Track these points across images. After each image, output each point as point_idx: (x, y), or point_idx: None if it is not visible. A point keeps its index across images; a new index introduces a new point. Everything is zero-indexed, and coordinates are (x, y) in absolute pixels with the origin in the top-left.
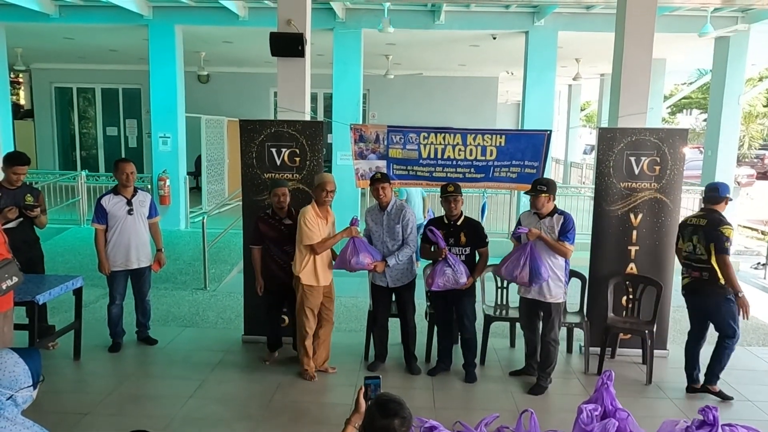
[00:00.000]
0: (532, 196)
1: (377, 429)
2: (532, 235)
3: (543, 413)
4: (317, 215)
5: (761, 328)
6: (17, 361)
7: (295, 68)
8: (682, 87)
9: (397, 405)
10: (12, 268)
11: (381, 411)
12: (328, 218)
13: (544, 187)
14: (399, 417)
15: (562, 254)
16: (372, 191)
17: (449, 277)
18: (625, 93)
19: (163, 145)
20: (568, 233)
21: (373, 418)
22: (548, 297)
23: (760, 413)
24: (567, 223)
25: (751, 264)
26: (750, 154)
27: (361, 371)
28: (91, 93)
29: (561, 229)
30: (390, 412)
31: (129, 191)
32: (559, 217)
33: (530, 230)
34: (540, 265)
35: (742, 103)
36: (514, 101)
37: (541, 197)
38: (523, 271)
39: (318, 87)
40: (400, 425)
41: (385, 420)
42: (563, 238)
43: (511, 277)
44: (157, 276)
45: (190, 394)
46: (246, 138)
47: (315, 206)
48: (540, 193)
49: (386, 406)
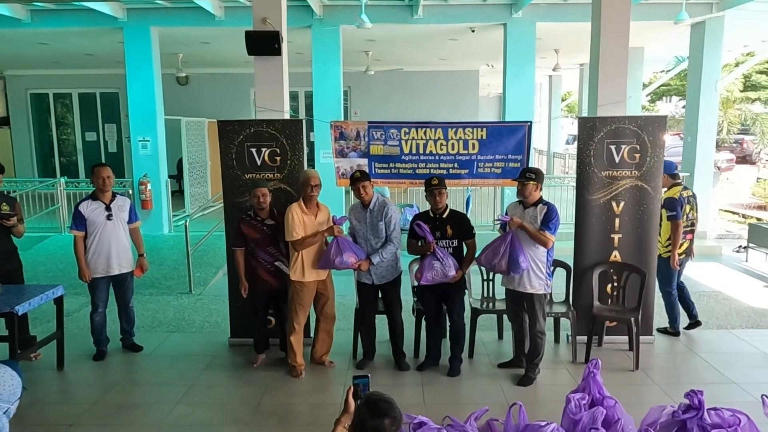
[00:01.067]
0: (521, 183)
1: (368, 429)
2: (514, 224)
3: (532, 404)
4: (303, 212)
5: (745, 312)
6: (13, 374)
7: (272, 67)
8: (661, 75)
9: (387, 404)
10: None
11: (371, 411)
12: (317, 214)
13: (532, 175)
14: (389, 416)
15: (542, 244)
16: (353, 190)
17: (438, 270)
18: (604, 82)
19: (143, 149)
20: (549, 223)
21: (364, 418)
22: (528, 288)
23: (746, 395)
24: (550, 213)
25: (733, 248)
26: (729, 139)
27: (350, 370)
28: (68, 98)
29: (543, 219)
30: (380, 412)
31: (107, 196)
32: (543, 207)
33: (512, 219)
34: (519, 255)
35: (720, 89)
36: (496, 94)
37: (529, 185)
38: (502, 259)
39: (298, 86)
40: (391, 425)
41: (376, 420)
42: (544, 228)
43: (489, 265)
44: (141, 281)
45: (178, 400)
46: (225, 139)
47: (302, 203)
48: (528, 180)
49: (376, 406)
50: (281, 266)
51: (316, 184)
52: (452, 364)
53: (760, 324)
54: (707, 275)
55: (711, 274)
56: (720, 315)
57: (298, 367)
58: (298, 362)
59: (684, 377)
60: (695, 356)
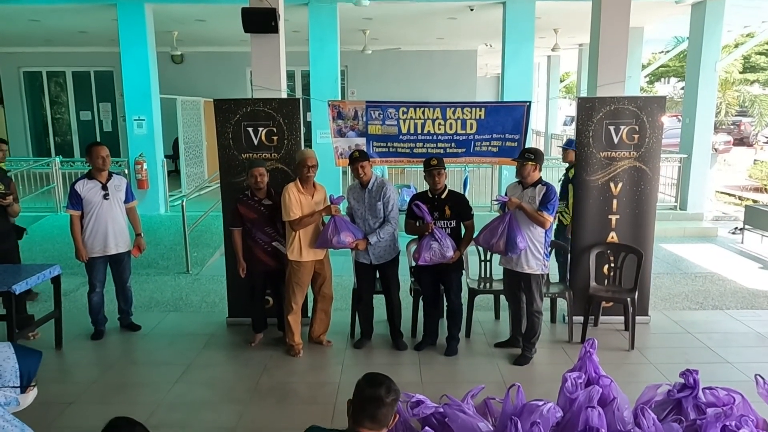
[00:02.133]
0: (519, 163)
1: (365, 399)
2: (512, 204)
3: (529, 383)
4: (300, 192)
5: (740, 292)
6: (9, 356)
7: (269, 45)
8: (660, 55)
9: (383, 377)
10: None
11: (368, 382)
12: (314, 194)
13: (531, 156)
14: (385, 386)
15: (540, 224)
16: (351, 170)
17: (436, 251)
18: (604, 62)
19: (139, 129)
20: (548, 204)
21: (361, 388)
22: (526, 268)
23: (740, 374)
24: (548, 194)
25: (729, 229)
26: (727, 121)
27: (348, 349)
28: (62, 77)
29: (542, 199)
30: (376, 382)
31: (104, 176)
32: (542, 188)
33: (510, 199)
34: (517, 235)
35: (719, 70)
36: (494, 74)
37: (528, 165)
38: (500, 239)
39: (295, 65)
40: (387, 393)
41: (372, 389)
42: (542, 209)
43: (487, 245)
44: (138, 261)
45: (176, 379)
46: (221, 118)
47: (298, 183)
48: (527, 161)
49: (373, 377)
50: (278, 246)
51: (313, 164)
52: (449, 343)
53: (754, 304)
54: (703, 256)
55: (707, 255)
56: (715, 296)
57: (296, 347)
58: (296, 341)
59: (679, 357)
60: (690, 336)
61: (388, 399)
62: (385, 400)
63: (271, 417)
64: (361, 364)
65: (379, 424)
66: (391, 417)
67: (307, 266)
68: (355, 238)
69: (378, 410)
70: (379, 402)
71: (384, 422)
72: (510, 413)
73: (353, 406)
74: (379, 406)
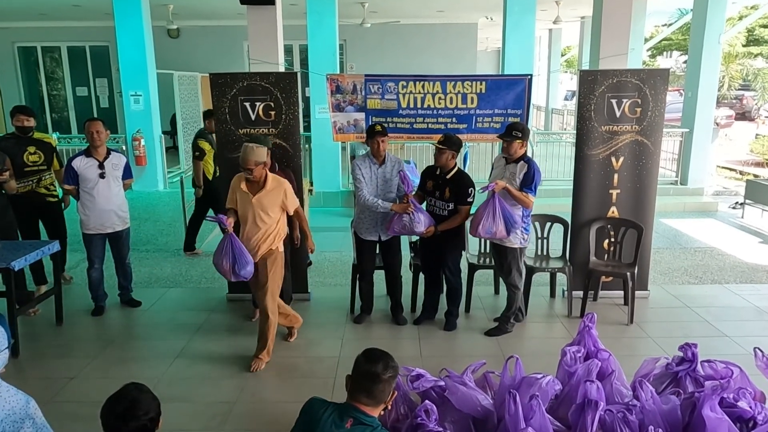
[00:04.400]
0: (507, 142)
1: (362, 373)
2: (498, 188)
3: (528, 357)
4: (243, 188)
5: (739, 267)
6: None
7: (266, 17)
8: (663, 28)
9: (381, 352)
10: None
11: (366, 357)
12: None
13: (519, 134)
14: (383, 361)
15: (524, 205)
16: (369, 144)
17: (406, 224)
18: (606, 34)
19: (135, 104)
20: (531, 184)
21: (359, 364)
22: (504, 241)
23: (738, 348)
24: (529, 172)
25: (729, 204)
26: (729, 95)
27: (348, 324)
28: (57, 52)
29: (524, 179)
30: (374, 358)
31: (100, 153)
32: (524, 165)
33: (496, 183)
34: (510, 213)
35: (723, 43)
36: (494, 48)
37: (515, 144)
38: (499, 225)
39: (293, 39)
40: (383, 370)
41: (369, 364)
42: (526, 190)
43: (490, 235)
44: (137, 238)
45: (176, 354)
46: (217, 92)
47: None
48: (515, 139)
49: (371, 352)
50: None
51: (250, 168)
52: (448, 319)
53: (753, 279)
54: (703, 231)
55: (707, 230)
56: (714, 270)
57: None
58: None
59: (678, 331)
60: (689, 310)
61: (386, 375)
62: (382, 376)
63: (271, 391)
64: (360, 338)
65: (376, 400)
66: (389, 393)
67: None
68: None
69: (374, 386)
70: (375, 378)
71: (381, 398)
72: (509, 386)
73: (351, 381)
74: (376, 381)
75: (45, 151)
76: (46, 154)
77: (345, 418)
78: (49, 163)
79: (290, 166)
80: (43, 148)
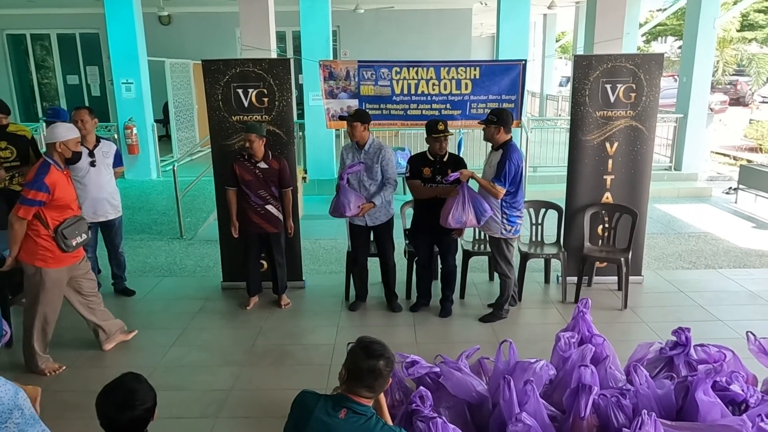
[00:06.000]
0: (484, 127)
1: (363, 370)
2: (464, 177)
3: (522, 342)
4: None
5: (732, 251)
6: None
7: (257, 2)
8: (657, 13)
9: (380, 346)
10: (83, 225)
11: (366, 353)
12: None
13: (494, 117)
14: (384, 358)
15: (493, 195)
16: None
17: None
18: (601, 18)
19: (127, 92)
20: (501, 176)
21: (358, 360)
22: (488, 231)
23: (731, 332)
24: (503, 163)
25: (723, 189)
26: (723, 81)
27: (343, 311)
28: (47, 39)
29: (497, 170)
30: (375, 354)
31: (90, 141)
32: (498, 154)
33: (461, 172)
34: (480, 201)
35: (718, 28)
36: (489, 34)
37: (491, 128)
38: (469, 214)
39: (286, 25)
40: (385, 366)
41: (371, 361)
42: (495, 180)
43: (461, 224)
44: (131, 227)
45: (172, 342)
46: (210, 79)
47: None
48: (489, 124)
49: (370, 348)
50: (271, 209)
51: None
52: (443, 305)
53: (746, 263)
54: (697, 216)
55: (700, 215)
56: (708, 255)
57: None
58: None
59: (671, 315)
60: (683, 295)
61: (386, 370)
62: (383, 372)
63: (266, 378)
64: (356, 326)
65: (375, 393)
66: (387, 384)
67: None
68: (360, 203)
69: (375, 381)
70: (377, 374)
71: (379, 391)
72: (503, 371)
73: (348, 374)
74: (377, 377)
75: (18, 146)
76: (20, 148)
77: (338, 408)
78: (25, 157)
79: (284, 154)
80: (16, 142)
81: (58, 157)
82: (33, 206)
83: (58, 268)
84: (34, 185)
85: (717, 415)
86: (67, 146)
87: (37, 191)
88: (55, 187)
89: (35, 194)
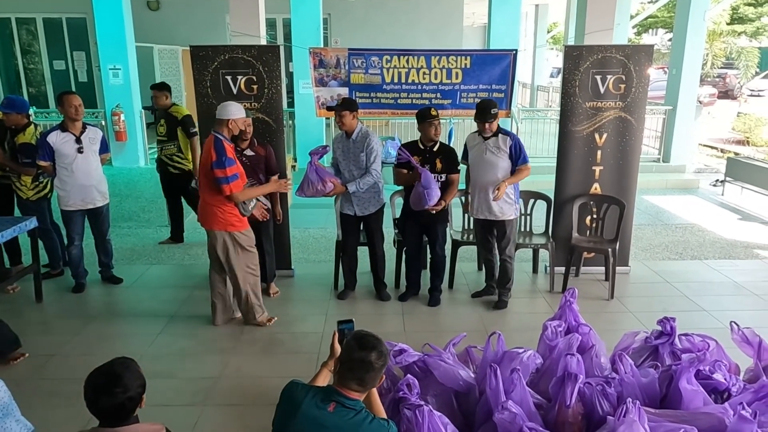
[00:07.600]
0: (489, 122)
1: (355, 361)
2: (498, 198)
3: (510, 332)
4: None
5: (718, 242)
6: None
7: None
8: (648, 5)
9: (375, 339)
10: None
11: (359, 344)
12: None
13: (496, 110)
14: (377, 350)
15: (525, 176)
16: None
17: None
18: (592, 8)
19: (114, 78)
20: (523, 156)
21: (351, 351)
22: (500, 215)
23: (716, 322)
24: (517, 146)
25: (710, 181)
26: (712, 74)
27: (332, 300)
28: (33, 24)
29: (515, 153)
30: (368, 345)
31: (77, 127)
32: (505, 137)
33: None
34: (431, 185)
35: (708, 20)
36: (481, 24)
37: (495, 123)
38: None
39: (276, 12)
40: (377, 358)
41: (363, 352)
42: (521, 162)
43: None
44: (118, 214)
45: (159, 330)
46: (198, 65)
47: None
48: (495, 118)
49: (364, 340)
50: (260, 198)
51: None
52: (432, 294)
53: (732, 255)
54: (684, 208)
55: (688, 206)
56: (694, 246)
57: None
58: None
59: (657, 305)
60: (669, 285)
61: (378, 364)
62: (375, 365)
63: (255, 366)
64: (344, 314)
65: (365, 387)
66: (378, 379)
67: None
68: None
69: (366, 374)
70: (369, 366)
71: (371, 384)
72: (490, 360)
73: (340, 365)
74: (369, 370)
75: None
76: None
77: (327, 401)
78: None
79: (273, 142)
80: (169, 121)
81: (228, 132)
82: (237, 179)
83: (246, 230)
84: (225, 162)
85: (700, 404)
86: (236, 123)
87: (230, 166)
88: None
89: (232, 170)
